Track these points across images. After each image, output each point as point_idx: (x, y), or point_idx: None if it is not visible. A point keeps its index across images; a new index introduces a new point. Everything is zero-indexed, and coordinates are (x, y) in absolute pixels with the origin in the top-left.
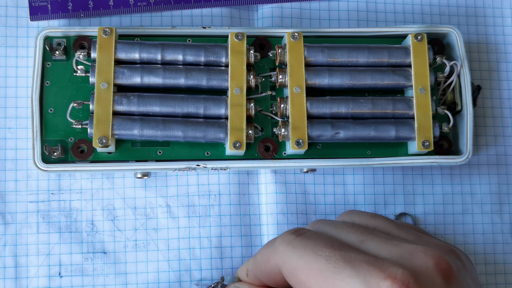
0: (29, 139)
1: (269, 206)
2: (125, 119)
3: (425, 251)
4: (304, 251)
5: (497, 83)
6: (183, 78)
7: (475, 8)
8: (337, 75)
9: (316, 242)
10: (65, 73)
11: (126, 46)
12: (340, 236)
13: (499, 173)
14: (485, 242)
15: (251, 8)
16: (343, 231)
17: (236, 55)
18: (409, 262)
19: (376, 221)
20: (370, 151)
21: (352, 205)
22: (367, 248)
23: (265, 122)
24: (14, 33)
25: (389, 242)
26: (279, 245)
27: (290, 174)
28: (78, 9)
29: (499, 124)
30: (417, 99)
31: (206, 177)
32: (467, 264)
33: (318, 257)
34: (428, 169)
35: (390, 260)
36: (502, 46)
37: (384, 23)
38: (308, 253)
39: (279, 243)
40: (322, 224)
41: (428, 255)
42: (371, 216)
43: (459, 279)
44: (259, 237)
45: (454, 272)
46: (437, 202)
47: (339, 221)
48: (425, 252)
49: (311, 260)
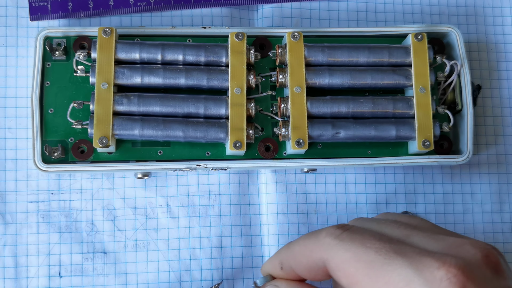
0: (29, 139)
1: (269, 206)
2: (125, 119)
3: (472, 243)
4: (352, 243)
5: (497, 82)
6: (183, 78)
7: (474, 8)
8: (338, 74)
9: (364, 235)
10: (65, 73)
11: (126, 46)
12: (385, 231)
13: (499, 172)
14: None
15: (251, 8)
16: (386, 226)
17: (236, 55)
18: (458, 254)
19: (416, 220)
20: (370, 151)
21: (354, 204)
22: (414, 242)
23: (265, 122)
24: (14, 33)
25: (435, 237)
26: (325, 237)
27: (290, 174)
28: (78, 9)
29: (499, 123)
30: (417, 98)
31: (206, 177)
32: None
33: (368, 249)
34: (428, 168)
35: (441, 252)
36: (502, 45)
37: (383, 23)
38: (356, 246)
39: (325, 235)
40: (364, 221)
41: (477, 248)
42: (409, 216)
43: (506, 272)
44: (259, 237)
45: (502, 265)
46: (438, 202)
47: (381, 218)
48: (473, 245)
49: (361, 252)
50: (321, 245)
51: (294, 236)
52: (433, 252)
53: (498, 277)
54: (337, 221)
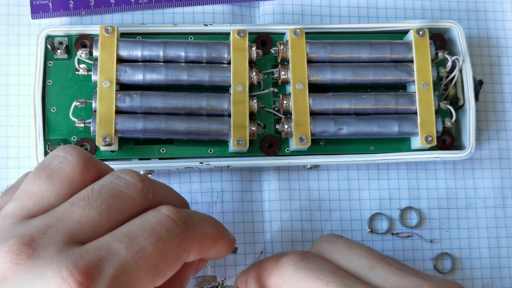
0: (31, 137)
1: (272, 203)
2: (128, 117)
3: (432, 286)
4: (307, 273)
5: (499, 77)
6: (185, 76)
7: (475, 3)
8: (340, 71)
9: (320, 266)
10: (67, 72)
11: (128, 44)
12: (352, 258)
13: (502, 167)
14: (489, 236)
15: (253, 5)
16: (356, 252)
17: (238, 52)
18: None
19: (386, 255)
20: (373, 147)
21: (357, 200)
22: (374, 276)
23: (267, 119)
24: (16, 31)
25: (398, 273)
26: (284, 263)
27: (293, 171)
28: (79, 7)
29: (501, 118)
30: (419, 94)
31: (209, 174)
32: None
33: (318, 281)
34: (431, 164)
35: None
36: (503, 41)
37: (384, 19)
38: (309, 276)
39: (284, 261)
40: (336, 239)
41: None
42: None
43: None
44: (262, 234)
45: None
46: (441, 197)
47: (355, 242)
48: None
49: (311, 283)
50: (279, 269)
51: (297, 233)
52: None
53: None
54: (341, 217)
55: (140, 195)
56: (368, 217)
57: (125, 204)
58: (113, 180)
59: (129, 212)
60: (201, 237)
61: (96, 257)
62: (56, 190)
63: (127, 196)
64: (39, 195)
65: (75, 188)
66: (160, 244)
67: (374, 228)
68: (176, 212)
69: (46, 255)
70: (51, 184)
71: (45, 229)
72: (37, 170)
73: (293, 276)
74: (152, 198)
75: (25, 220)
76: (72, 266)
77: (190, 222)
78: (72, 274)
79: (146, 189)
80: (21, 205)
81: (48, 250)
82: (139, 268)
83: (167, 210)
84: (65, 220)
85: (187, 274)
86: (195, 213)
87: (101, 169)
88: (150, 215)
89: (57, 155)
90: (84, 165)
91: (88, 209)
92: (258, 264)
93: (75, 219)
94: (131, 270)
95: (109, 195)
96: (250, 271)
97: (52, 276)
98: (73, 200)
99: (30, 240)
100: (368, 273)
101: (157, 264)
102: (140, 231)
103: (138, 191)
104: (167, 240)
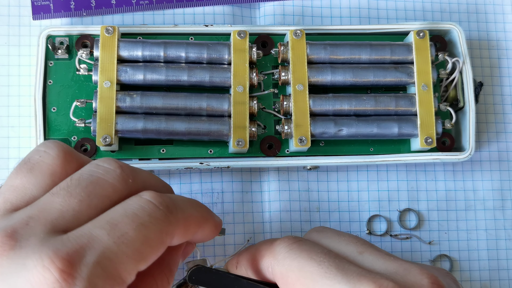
0: (32, 137)
1: (272, 203)
2: (128, 117)
3: (421, 269)
4: (300, 254)
5: (499, 80)
6: (185, 76)
7: (476, 5)
8: (340, 72)
9: (313, 248)
10: (67, 72)
11: (129, 44)
12: (340, 244)
13: (501, 169)
14: (488, 238)
15: (253, 6)
16: (345, 239)
17: (239, 53)
18: (402, 278)
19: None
20: (373, 148)
21: (356, 201)
22: (364, 260)
23: (268, 119)
24: (17, 32)
25: (387, 257)
26: (278, 245)
27: (293, 172)
28: (80, 7)
29: (501, 120)
30: (419, 96)
31: (209, 175)
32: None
33: (311, 261)
34: (431, 165)
35: (383, 275)
36: (504, 43)
37: (385, 20)
38: (302, 256)
39: (278, 243)
40: (325, 229)
41: (424, 274)
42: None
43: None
44: (262, 235)
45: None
46: (440, 199)
47: (343, 232)
48: (421, 270)
49: (304, 262)
50: (272, 252)
51: (296, 234)
52: (373, 273)
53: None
54: (339, 219)
55: (120, 180)
56: (366, 219)
57: (105, 190)
58: (92, 168)
59: (110, 199)
60: (185, 221)
61: (77, 244)
62: (37, 183)
63: (106, 182)
64: (21, 189)
65: (57, 180)
66: (142, 229)
67: (372, 230)
68: (157, 197)
69: (28, 245)
70: (33, 177)
71: (27, 220)
72: (19, 165)
73: (287, 257)
74: (132, 183)
75: (8, 213)
76: (54, 254)
77: (173, 206)
78: (54, 261)
79: (125, 174)
80: (4, 200)
81: (30, 240)
82: (121, 254)
83: (149, 195)
84: (46, 211)
85: (175, 259)
86: (178, 197)
87: (82, 161)
88: (132, 201)
89: (38, 150)
90: (64, 157)
91: (68, 198)
92: (250, 246)
93: (56, 208)
94: (113, 256)
95: (88, 182)
96: (242, 253)
97: (34, 265)
98: (54, 190)
99: (12, 231)
100: (358, 257)
101: (139, 249)
102: (122, 217)
103: (117, 176)
104: (149, 225)
